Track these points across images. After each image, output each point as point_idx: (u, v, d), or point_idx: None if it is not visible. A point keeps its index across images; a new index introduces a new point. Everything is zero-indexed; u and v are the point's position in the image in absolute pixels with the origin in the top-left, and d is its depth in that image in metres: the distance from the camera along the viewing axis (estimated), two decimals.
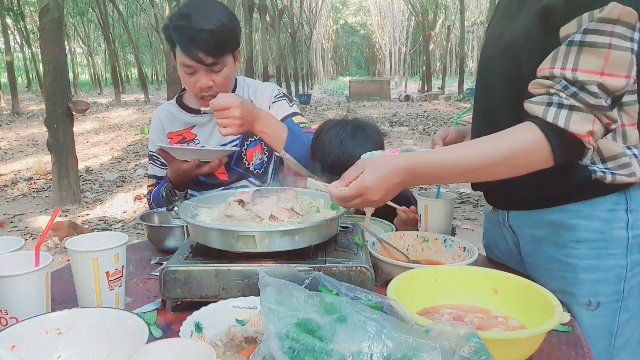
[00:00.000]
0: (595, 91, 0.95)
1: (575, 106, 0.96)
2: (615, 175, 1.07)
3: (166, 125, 1.81)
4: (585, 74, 0.95)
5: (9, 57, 16.64)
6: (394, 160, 1.01)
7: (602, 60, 0.95)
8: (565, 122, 0.95)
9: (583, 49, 0.96)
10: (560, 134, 0.97)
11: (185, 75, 1.62)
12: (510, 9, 1.20)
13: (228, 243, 1.05)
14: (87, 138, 12.12)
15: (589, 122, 0.96)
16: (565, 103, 0.96)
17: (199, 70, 1.59)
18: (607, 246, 1.10)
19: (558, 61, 0.99)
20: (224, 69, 1.61)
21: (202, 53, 1.53)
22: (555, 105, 0.97)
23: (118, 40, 32.34)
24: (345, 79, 50.38)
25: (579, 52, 0.97)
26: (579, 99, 0.95)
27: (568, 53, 0.98)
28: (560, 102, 0.97)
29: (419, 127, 12.06)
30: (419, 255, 1.35)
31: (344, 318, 0.66)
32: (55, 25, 5.89)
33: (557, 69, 0.99)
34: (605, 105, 0.95)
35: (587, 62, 0.96)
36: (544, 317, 0.86)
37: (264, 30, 19.77)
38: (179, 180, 1.64)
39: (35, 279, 0.94)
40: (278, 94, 1.82)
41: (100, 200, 6.62)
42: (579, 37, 0.96)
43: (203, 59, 1.54)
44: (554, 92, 0.98)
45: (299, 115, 1.79)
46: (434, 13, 28.91)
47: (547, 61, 1.01)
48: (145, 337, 0.78)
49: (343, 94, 25.80)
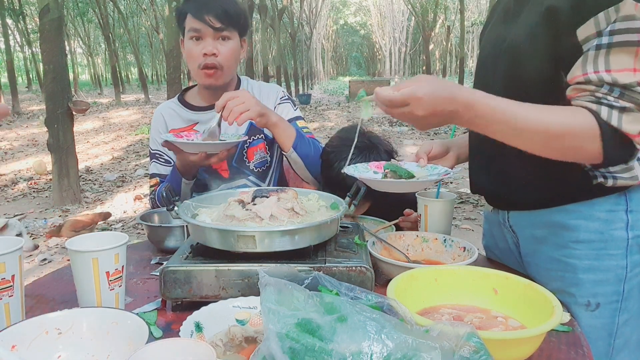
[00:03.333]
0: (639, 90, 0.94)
1: (626, 107, 0.95)
2: (617, 179, 1.07)
3: (168, 122, 1.81)
4: (621, 74, 0.95)
5: (9, 57, 16.64)
6: (457, 89, 0.96)
7: (632, 57, 0.95)
8: (618, 122, 0.95)
9: (612, 50, 0.96)
10: (613, 132, 0.96)
11: (191, 45, 1.65)
12: (509, 11, 1.20)
13: (228, 243, 1.05)
14: (87, 138, 12.13)
15: (639, 122, 0.96)
16: (616, 105, 0.95)
17: (206, 37, 1.63)
18: (606, 247, 1.10)
19: (589, 66, 0.98)
20: (230, 41, 1.66)
21: (212, 17, 1.60)
22: (606, 105, 0.96)
23: (118, 40, 32.30)
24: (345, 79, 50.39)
25: (608, 54, 0.96)
26: (628, 99, 0.95)
27: (597, 57, 0.97)
28: (610, 104, 0.96)
29: None
30: (419, 255, 1.35)
31: (344, 318, 0.66)
32: (55, 25, 5.89)
33: (591, 74, 0.97)
34: None
35: (618, 61, 0.95)
36: (544, 317, 0.86)
37: (264, 30, 19.75)
38: (188, 170, 1.63)
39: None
40: (283, 96, 1.85)
41: (101, 200, 6.62)
42: (607, 40, 0.96)
43: (212, 22, 1.60)
44: (601, 96, 0.97)
45: (302, 120, 1.82)
46: (434, 13, 28.92)
47: (577, 68, 1.00)
48: (146, 337, 0.78)
49: (343, 94, 25.80)
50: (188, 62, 1.72)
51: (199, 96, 1.81)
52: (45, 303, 1.16)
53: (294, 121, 1.77)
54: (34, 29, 24.80)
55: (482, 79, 1.25)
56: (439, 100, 0.94)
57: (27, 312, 1.05)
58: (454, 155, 1.42)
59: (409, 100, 0.94)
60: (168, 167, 1.79)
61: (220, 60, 1.64)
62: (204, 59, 1.64)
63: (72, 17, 29.22)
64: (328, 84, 45.72)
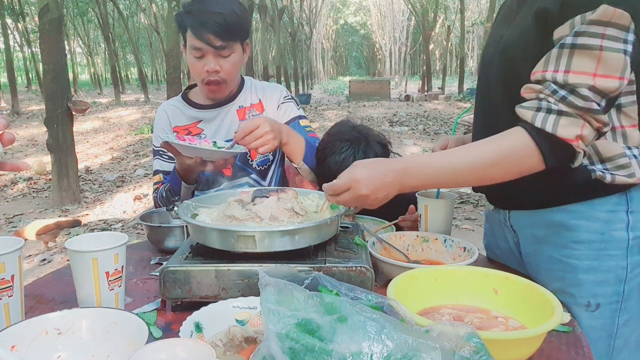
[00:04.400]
0: (586, 94, 0.95)
1: (563, 111, 0.96)
2: (615, 176, 1.07)
3: (172, 119, 1.81)
4: (577, 76, 0.96)
5: (8, 56, 16.63)
6: (388, 161, 1.06)
7: (594, 62, 0.95)
8: (553, 127, 0.96)
9: (575, 51, 0.96)
10: (549, 139, 0.97)
11: (194, 60, 1.65)
12: (510, 11, 1.21)
13: (228, 243, 1.05)
14: (87, 138, 12.12)
15: (577, 126, 0.96)
16: (554, 108, 0.97)
17: (208, 54, 1.62)
18: (607, 247, 1.10)
19: (550, 64, 1.00)
20: (231, 55, 1.64)
21: (212, 35, 1.57)
22: (544, 110, 0.98)
23: (118, 40, 32.31)
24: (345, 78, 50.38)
25: (571, 55, 0.97)
26: (567, 102, 0.96)
27: (560, 56, 0.98)
28: (549, 107, 0.97)
29: (419, 127, 12.06)
30: (419, 255, 1.35)
31: (344, 318, 0.66)
32: (55, 25, 5.89)
33: (548, 72, 0.99)
34: (595, 108, 0.95)
35: (579, 64, 0.96)
36: (544, 317, 0.86)
37: (264, 30, 19.74)
38: (187, 173, 1.63)
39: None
40: (287, 95, 1.86)
41: (100, 200, 6.62)
42: (570, 40, 0.97)
43: (212, 41, 1.58)
44: (542, 97, 0.99)
45: (305, 119, 1.83)
46: (434, 13, 28.90)
47: (540, 65, 1.02)
48: (145, 338, 0.78)
49: (343, 93, 25.80)
50: (192, 73, 1.73)
51: (203, 95, 1.82)
52: (45, 303, 1.16)
53: (297, 120, 1.78)
54: (33, 28, 24.81)
55: (484, 79, 1.26)
56: (375, 176, 1.02)
57: (26, 312, 1.05)
58: None
59: (349, 185, 1.03)
60: (171, 163, 1.79)
61: (223, 76, 1.65)
62: (207, 75, 1.64)
63: (72, 16, 29.20)
64: (328, 84, 45.73)
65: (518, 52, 1.10)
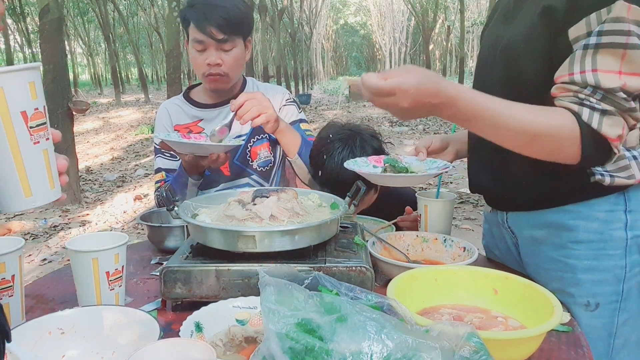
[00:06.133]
0: (624, 95, 0.95)
1: (607, 110, 0.96)
2: (614, 178, 1.07)
3: (173, 118, 1.82)
4: (605, 75, 0.95)
5: (9, 57, 16.62)
6: (443, 83, 0.96)
7: (618, 60, 0.95)
8: (599, 125, 0.96)
9: (599, 50, 0.96)
10: (593, 135, 0.97)
11: (196, 54, 1.66)
12: (508, 11, 1.20)
13: (228, 243, 1.05)
14: (87, 138, 12.12)
15: (619, 126, 0.96)
16: (597, 107, 0.96)
17: (210, 48, 1.64)
18: (606, 247, 1.10)
19: (575, 65, 0.98)
20: (233, 50, 1.66)
21: (215, 28, 1.59)
22: (588, 107, 0.97)
23: (118, 40, 32.29)
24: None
25: (595, 54, 0.96)
26: (610, 102, 0.96)
27: (584, 56, 0.98)
28: (592, 106, 0.97)
29: (418, 126, 12.06)
30: (419, 255, 1.35)
31: (344, 318, 0.66)
32: (55, 25, 5.89)
33: (576, 74, 0.98)
34: (634, 106, 0.96)
35: (604, 62, 0.96)
36: (544, 317, 0.86)
37: (264, 30, 19.76)
38: (190, 168, 1.63)
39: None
40: (289, 97, 1.87)
41: (100, 200, 6.62)
42: (595, 40, 0.96)
43: (215, 34, 1.60)
44: (583, 97, 0.98)
45: (306, 123, 1.84)
46: (434, 13, 28.91)
47: (564, 68, 1.00)
48: (157, 333, 0.79)
49: (343, 94, 25.77)
50: (194, 67, 1.74)
51: (205, 94, 1.83)
52: (45, 303, 1.16)
53: (298, 123, 1.79)
54: (34, 29, 24.80)
55: (481, 80, 1.26)
56: (424, 92, 0.94)
57: (27, 312, 1.05)
58: (453, 150, 1.43)
59: (395, 91, 0.94)
60: (172, 160, 1.80)
61: (224, 69, 1.67)
62: (209, 68, 1.66)
63: (72, 17, 29.22)
64: (328, 84, 45.66)
65: (522, 51, 1.09)
